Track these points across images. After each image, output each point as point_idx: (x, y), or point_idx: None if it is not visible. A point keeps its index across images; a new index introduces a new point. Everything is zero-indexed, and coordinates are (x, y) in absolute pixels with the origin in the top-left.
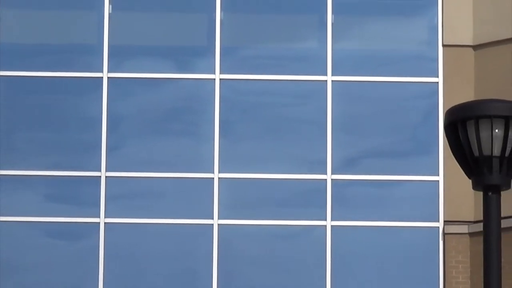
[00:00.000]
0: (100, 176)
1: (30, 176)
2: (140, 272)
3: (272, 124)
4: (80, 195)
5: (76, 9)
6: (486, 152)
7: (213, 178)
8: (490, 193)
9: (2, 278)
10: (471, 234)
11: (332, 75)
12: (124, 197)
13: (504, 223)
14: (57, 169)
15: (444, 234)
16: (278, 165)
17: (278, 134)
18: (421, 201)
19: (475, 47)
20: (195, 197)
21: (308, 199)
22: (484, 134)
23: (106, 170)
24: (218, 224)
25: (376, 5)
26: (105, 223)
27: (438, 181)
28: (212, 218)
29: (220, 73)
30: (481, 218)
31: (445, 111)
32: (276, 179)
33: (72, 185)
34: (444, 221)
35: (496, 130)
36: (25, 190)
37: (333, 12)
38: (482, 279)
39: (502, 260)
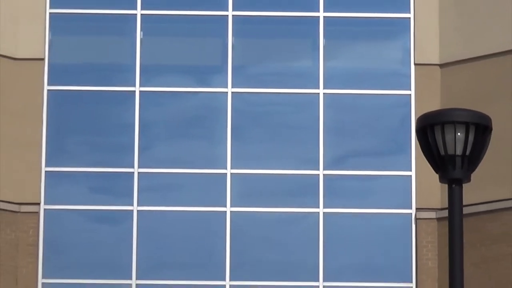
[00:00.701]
0: (133, 172)
1: (77, 172)
2: (166, 251)
3: (274, 129)
4: (117, 187)
5: (114, 35)
6: (450, 151)
7: (226, 173)
8: (454, 186)
9: (55, 255)
10: (438, 219)
11: (324, 88)
12: (153, 189)
13: (465, 210)
14: (99, 166)
15: (416, 219)
16: (279, 163)
17: (279, 137)
18: (397, 192)
19: (441, 66)
20: (211, 189)
21: (304, 190)
22: (448, 136)
23: (139, 167)
24: (230, 211)
25: (360, 31)
26: (137, 210)
27: (411, 175)
28: (226, 206)
29: (232, 87)
30: (447, 206)
31: (417, 118)
32: (278, 174)
33: (111, 179)
34: (416, 208)
35: (459, 134)
36: (73, 184)
37: (324, 37)
38: (447, 256)
39: (464, 241)
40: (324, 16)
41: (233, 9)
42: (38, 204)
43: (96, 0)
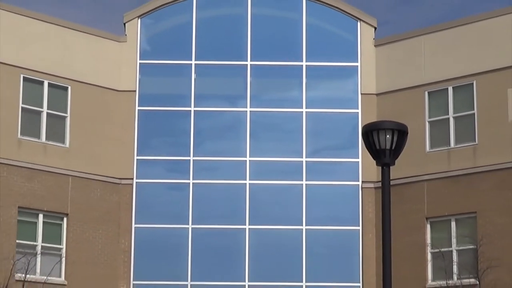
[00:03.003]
0: (190, 159)
1: (155, 159)
2: (209, 207)
3: (276, 132)
4: (180, 168)
5: (177, 76)
6: (383, 147)
7: (246, 160)
8: (384, 167)
9: (142, 210)
10: (375, 188)
11: (306, 108)
12: (202, 169)
13: (392, 182)
14: (169, 156)
15: (362, 188)
16: (279, 153)
17: (279, 137)
18: (351, 171)
19: (377, 94)
20: (236, 169)
21: (293, 170)
22: (381, 137)
23: (193, 156)
24: (249, 183)
25: (328, 73)
26: (192, 183)
27: (358, 161)
28: (246, 180)
29: (250, 107)
30: (381, 180)
31: (362, 126)
32: (278, 160)
33: (176, 163)
34: (362, 181)
35: (387, 136)
36: (153, 166)
37: (306, 77)
38: (381, 211)
39: (391, 201)
40: (306, 65)
41: (251, 60)
42: (132, 179)
43: (166, 54)
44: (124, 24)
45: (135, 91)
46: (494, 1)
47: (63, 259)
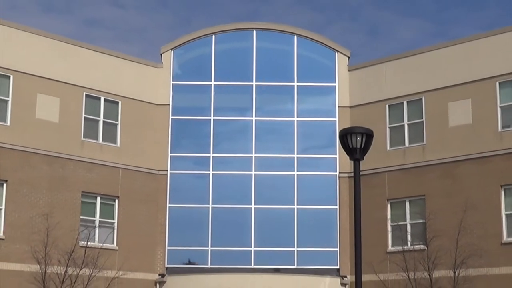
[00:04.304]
0: (210, 156)
1: (185, 156)
2: (225, 192)
3: (275, 135)
4: (202, 163)
5: (201, 93)
6: (355, 146)
7: (252, 156)
8: (356, 162)
9: (174, 193)
10: (349, 177)
11: (297, 117)
12: (219, 163)
13: (362, 173)
14: (195, 153)
15: (339, 177)
16: (277, 151)
17: (277, 139)
18: (330, 164)
19: (350, 107)
20: (245, 164)
21: (287, 163)
22: (354, 139)
23: (213, 153)
24: (254, 174)
25: (314, 91)
26: (212, 173)
27: (336, 157)
28: (252, 171)
29: (255, 117)
30: (353, 171)
31: (340, 130)
32: (276, 156)
33: (200, 159)
34: (339, 172)
35: (358, 138)
36: (183, 161)
37: (297, 93)
38: (353, 194)
39: (361, 187)
40: (297, 85)
41: (256, 81)
42: (167, 170)
43: (192, 77)
44: (161, 54)
45: (169, 104)
46: (437, 37)
47: (115, 230)
